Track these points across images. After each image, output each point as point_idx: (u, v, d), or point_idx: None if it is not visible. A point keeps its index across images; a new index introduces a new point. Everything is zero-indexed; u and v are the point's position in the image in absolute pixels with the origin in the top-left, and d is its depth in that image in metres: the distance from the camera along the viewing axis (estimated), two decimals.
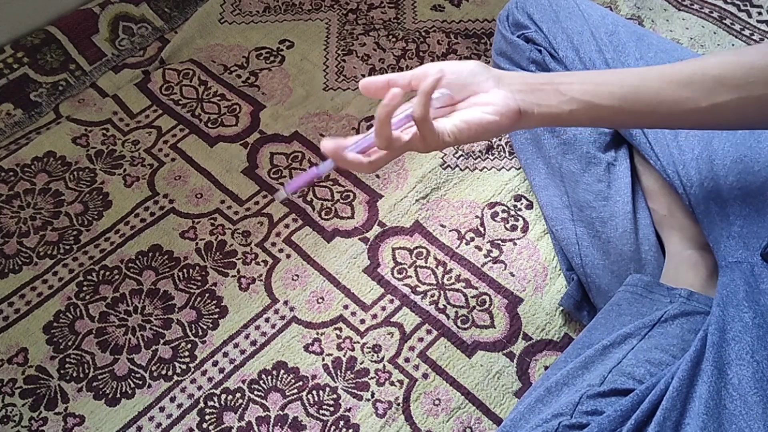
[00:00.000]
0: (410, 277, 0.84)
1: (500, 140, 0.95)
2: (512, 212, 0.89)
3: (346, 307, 0.82)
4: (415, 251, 0.86)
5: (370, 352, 0.79)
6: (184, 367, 0.79)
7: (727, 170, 0.62)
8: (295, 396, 0.76)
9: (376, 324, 0.81)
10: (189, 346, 0.80)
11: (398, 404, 0.75)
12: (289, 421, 0.75)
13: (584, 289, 0.78)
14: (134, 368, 0.79)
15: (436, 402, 0.76)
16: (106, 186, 0.94)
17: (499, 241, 0.86)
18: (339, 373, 0.78)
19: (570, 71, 0.54)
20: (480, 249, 0.86)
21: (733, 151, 0.63)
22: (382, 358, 0.79)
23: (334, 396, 0.76)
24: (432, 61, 1.05)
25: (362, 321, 0.81)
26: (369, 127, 0.98)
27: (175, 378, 0.78)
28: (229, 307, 0.83)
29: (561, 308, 0.81)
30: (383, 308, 0.82)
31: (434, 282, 0.84)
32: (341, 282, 0.84)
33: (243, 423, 0.75)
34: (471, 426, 0.74)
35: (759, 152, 0.62)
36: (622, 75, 0.54)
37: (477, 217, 0.89)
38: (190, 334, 0.81)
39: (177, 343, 0.81)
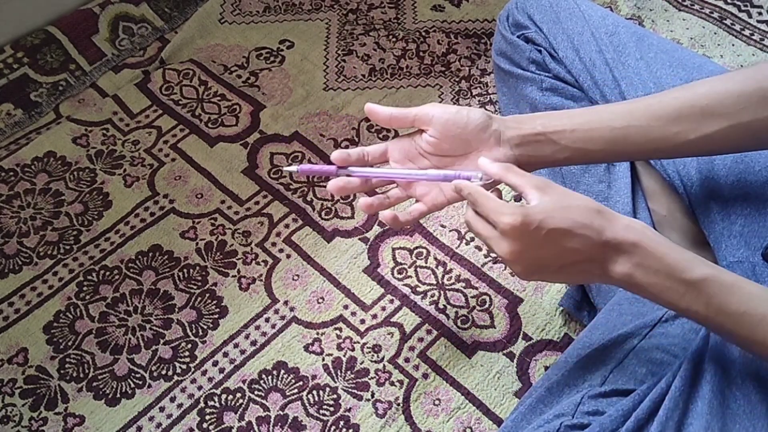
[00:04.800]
0: (410, 277, 0.84)
1: None
2: None
3: (346, 307, 0.82)
4: (415, 251, 0.86)
5: (370, 352, 0.79)
6: (184, 367, 0.79)
7: (727, 170, 0.62)
8: (296, 396, 0.76)
9: (376, 324, 0.81)
10: (189, 346, 0.80)
11: (398, 404, 0.75)
12: (289, 421, 0.75)
13: (584, 290, 0.78)
14: (134, 368, 0.79)
15: (436, 402, 0.76)
16: (106, 186, 0.94)
17: None
18: (339, 373, 0.78)
19: (560, 111, 0.58)
20: (480, 249, 0.86)
21: None
22: (382, 358, 0.79)
23: (334, 396, 0.76)
24: (432, 61, 1.05)
25: (362, 321, 0.81)
26: (369, 128, 0.98)
27: (175, 378, 0.78)
28: (229, 307, 0.83)
29: (561, 308, 0.81)
30: (383, 308, 0.82)
31: (434, 282, 0.84)
32: (341, 282, 0.84)
33: (243, 423, 0.75)
34: (471, 426, 0.74)
35: (759, 152, 0.62)
36: (611, 116, 0.55)
37: None
38: (190, 334, 0.81)
39: (177, 343, 0.80)
